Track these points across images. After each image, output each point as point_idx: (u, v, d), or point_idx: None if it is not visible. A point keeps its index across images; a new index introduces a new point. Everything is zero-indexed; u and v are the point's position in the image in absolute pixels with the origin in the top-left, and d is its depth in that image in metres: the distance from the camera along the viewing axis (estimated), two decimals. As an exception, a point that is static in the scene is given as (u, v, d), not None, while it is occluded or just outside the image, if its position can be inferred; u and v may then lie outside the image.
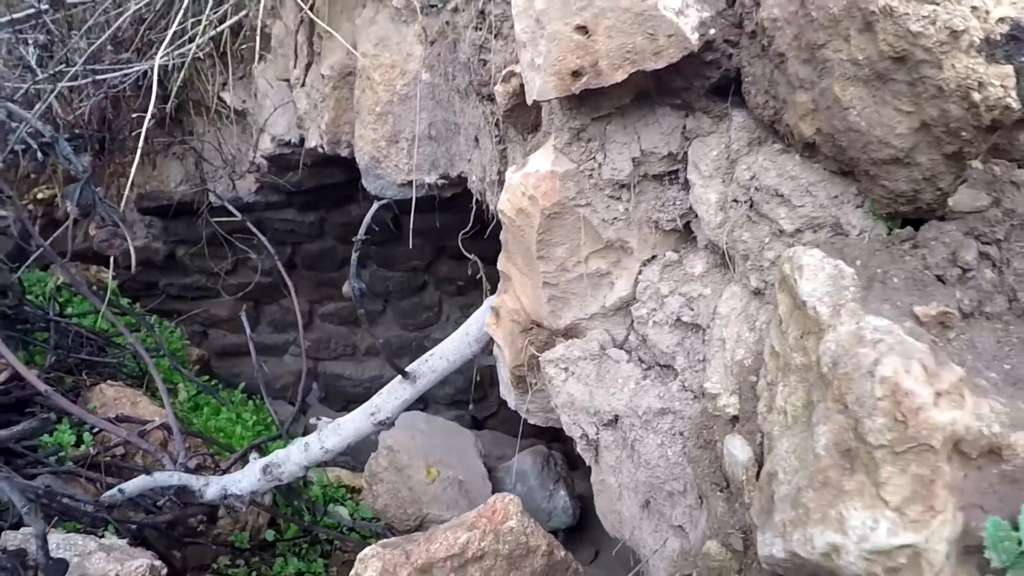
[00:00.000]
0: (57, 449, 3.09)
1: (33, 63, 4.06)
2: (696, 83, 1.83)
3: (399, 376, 2.86)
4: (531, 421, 2.66)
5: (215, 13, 3.65)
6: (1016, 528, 1.10)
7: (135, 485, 2.83)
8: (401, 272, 5.77)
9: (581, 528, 4.16)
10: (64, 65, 3.96)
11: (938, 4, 1.24)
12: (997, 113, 1.24)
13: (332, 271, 5.64)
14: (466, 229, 3.26)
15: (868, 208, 1.54)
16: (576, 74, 1.77)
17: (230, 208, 4.67)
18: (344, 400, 5.95)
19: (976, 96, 1.24)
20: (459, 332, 2.85)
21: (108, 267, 4.35)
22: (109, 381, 3.68)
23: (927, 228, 1.38)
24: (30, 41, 4.18)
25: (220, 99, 4.35)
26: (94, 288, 4.13)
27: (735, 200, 1.79)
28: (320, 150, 3.99)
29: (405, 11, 3.35)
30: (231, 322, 5.69)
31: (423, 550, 2.06)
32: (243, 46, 3.95)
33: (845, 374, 1.15)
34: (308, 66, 3.94)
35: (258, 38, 3.48)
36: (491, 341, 2.65)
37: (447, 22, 3.23)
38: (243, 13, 3.63)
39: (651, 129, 1.94)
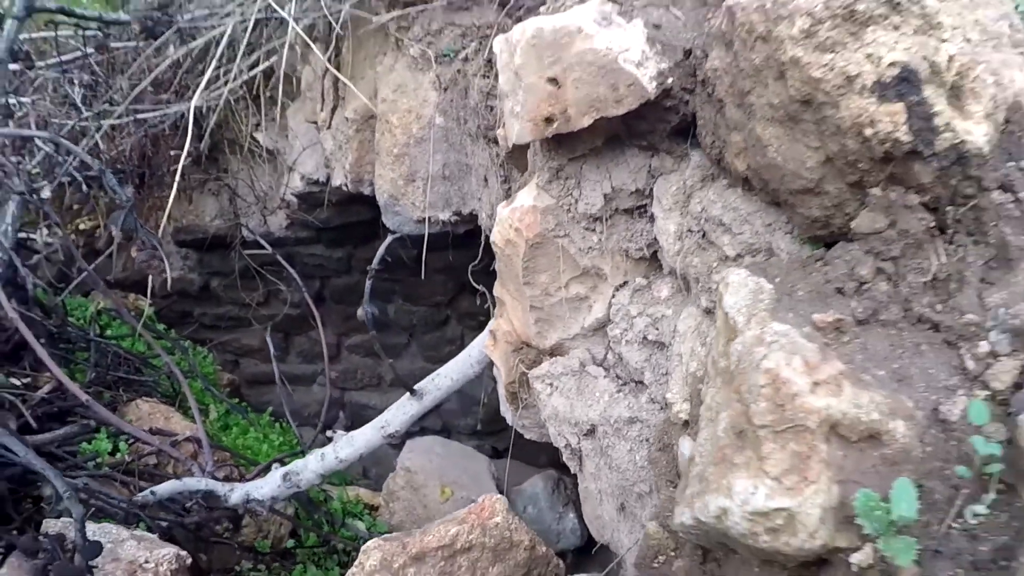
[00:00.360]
0: (94, 455, 3.33)
1: (78, 101, 4.35)
2: (659, 127, 2.07)
3: (408, 393, 3.09)
4: (527, 436, 2.87)
5: (245, 62, 3.92)
6: (887, 501, 1.30)
7: (166, 488, 3.08)
8: (425, 307, 6.00)
9: (589, 550, 4.32)
10: (108, 105, 4.25)
11: (836, 53, 1.47)
12: (888, 146, 1.45)
13: (359, 305, 5.83)
14: (475, 262, 3.49)
15: (796, 234, 1.76)
16: (549, 120, 2.01)
17: (262, 242, 4.92)
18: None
19: (868, 132, 1.45)
20: (463, 354, 3.08)
21: (146, 295, 4.62)
22: (144, 398, 3.93)
23: (834, 248, 1.59)
24: (76, 81, 4.48)
25: (253, 139, 4.61)
26: (132, 314, 4.39)
27: (689, 230, 2.02)
28: (345, 188, 4.24)
29: (421, 60, 3.61)
30: (262, 352, 5.90)
31: (417, 541, 2.27)
32: (275, 90, 4.22)
33: (743, 369, 1.37)
34: (333, 109, 4.19)
35: (281, 86, 3.75)
36: (492, 362, 2.87)
37: (458, 70, 3.48)
38: (273, 59, 3.90)
39: (621, 168, 2.18)
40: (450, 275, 5.32)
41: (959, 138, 1.45)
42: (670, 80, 1.96)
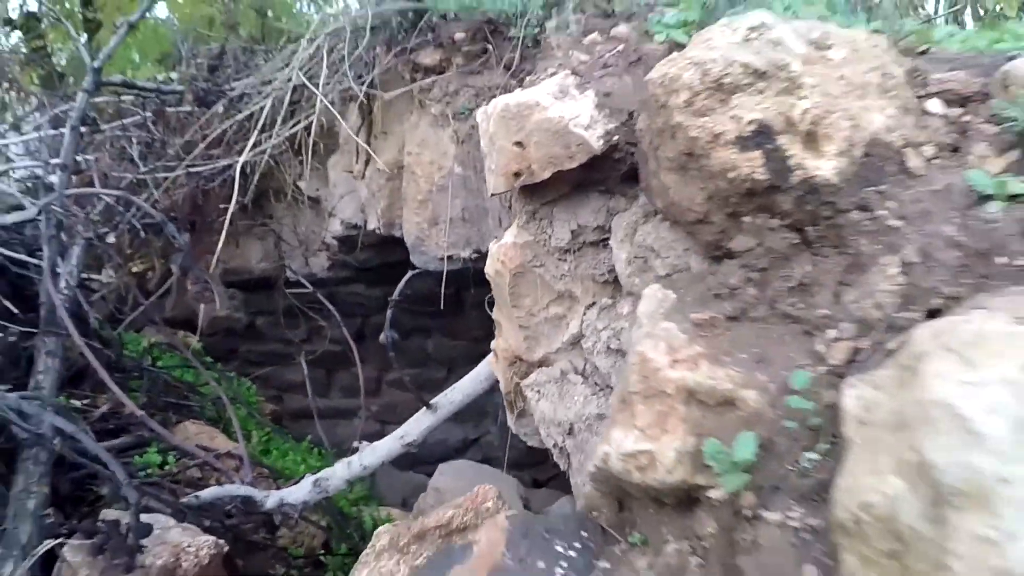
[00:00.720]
0: (145, 467, 3.76)
1: (136, 157, 4.86)
2: (611, 175, 2.54)
3: (424, 408, 3.54)
4: (529, 443, 3.27)
5: (285, 127, 4.41)
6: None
7: (209, 493, 3.52)
8: (464, 341, 6.36)
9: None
10: (163, 161, 4.75)
11: (708, 116, 1.91)
12: (749, 184, 1.88)
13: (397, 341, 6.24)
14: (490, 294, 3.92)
15: (702, 255, 2.20)
16: (517, 175, 2.50)
17: (304, 283, 5.33)
18: (409, 460, 6.45)
19: (732, 174, 1.88)
20: (474, 372, 3.53)
21: (195, 332, 5.08)
22: (192, 420, 4.38)
23: (720, 265, 2.03)
24: (134, 139, 5.01)
25: (296, 187, 5.06)
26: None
27: (635, 256, 2.46)
28: (378, 232, 4.69)
29: (441, 118, 4.09)
30: (304, 387, 6.29)
31: (419, 523, 2.68)
32: (315, 145, 4.67)
33: (632, 357, 1.81)
34: (367, 162, 4.67)
35: (309, 153, 4.24)
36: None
37: (473, 126, 3.94)
38: (311, 119, 4.39)
39: (585, 209, 2.64)
40: (486, 311, 5.69)
41: (810, 173, 1.86)
42: (616, 137, 2.43)
